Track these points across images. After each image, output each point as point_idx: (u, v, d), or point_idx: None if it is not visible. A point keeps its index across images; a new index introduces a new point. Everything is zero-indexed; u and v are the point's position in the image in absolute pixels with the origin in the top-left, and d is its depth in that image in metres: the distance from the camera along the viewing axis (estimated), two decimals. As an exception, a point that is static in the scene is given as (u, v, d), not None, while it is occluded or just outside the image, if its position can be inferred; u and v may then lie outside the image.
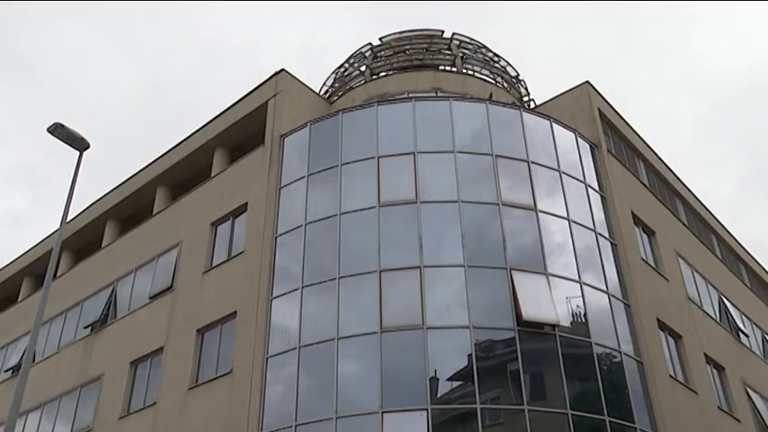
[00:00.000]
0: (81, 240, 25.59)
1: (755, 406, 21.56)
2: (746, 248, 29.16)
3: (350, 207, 17.31)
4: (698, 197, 26.11)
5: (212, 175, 21.38)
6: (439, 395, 14.78)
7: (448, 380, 15.14)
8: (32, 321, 11.37)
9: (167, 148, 23.24)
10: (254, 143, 20.42)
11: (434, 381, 14.85)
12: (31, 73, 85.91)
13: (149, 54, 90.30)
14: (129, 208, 24.31)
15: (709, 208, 26.78)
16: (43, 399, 22.29)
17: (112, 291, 22.56)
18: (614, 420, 14.99)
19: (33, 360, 21.72)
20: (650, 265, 19.71)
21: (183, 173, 22.74)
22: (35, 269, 27.09)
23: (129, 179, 24.34)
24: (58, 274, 25.08)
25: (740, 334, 23.45)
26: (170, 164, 22.90)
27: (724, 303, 23.42)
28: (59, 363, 22.94)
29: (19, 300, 27.54)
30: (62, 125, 13.96)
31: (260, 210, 18.79)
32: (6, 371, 24.75)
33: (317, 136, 19.15)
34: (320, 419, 14.77)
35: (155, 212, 22.90)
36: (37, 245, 27.57)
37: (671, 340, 19.00)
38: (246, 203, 19.46)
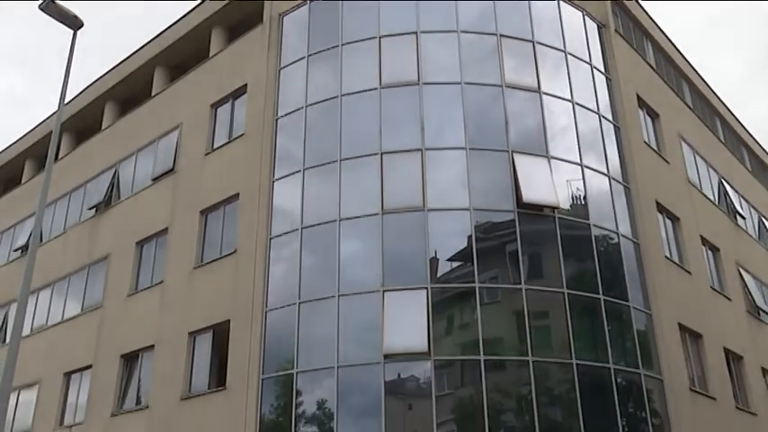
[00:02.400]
0: (81, 122, 25.42)
1: (746, 285, 22.14)
2: (750, 131, 28.99)
3: (351, 89, 17.07)
4: (704, 79, 25.67)
5: (210, 55, 20.95)
6: (439, 275, 15.14)
7: (448, 260, 15.47)
8: (37, 203, 11.49)
9: (164, 27, 22.69)
10: (253, 22, 19.86)
11: (434, 261, 15.17)
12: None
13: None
14: (128, 89, 23.98)
15: (715, 90, 26.40)
16: (53, 277, 22.89)
17: (115, 172, 22.66)
18: (609, 299, 15.43)
19: (40, 240, 22.12)
20: (652, 148, 19.67)
21: (180, 53, 22.26)
22: (36, 151, 27.08)
23: (126, 59, 23.85)
24: (60, 156, 25.11)
25: (737, 216, 23.74)
26: (167, 44, 22.37)
27: (723, 186, 23.56)
28: (66, 243, 23.40)
29: (22, 182, 27.71)
30: (53, 2, 13.53)
31: (260, 91, 18.55)
32: (16, 250, 25.29)
33: (317, 14, 18.59)
34: (323, 297, 15.22)
35: (153, 94, 22.62)
36: (37, 126, 27.42)
37: (668, 222, 19.26)
38: (246, 85, 19.18)
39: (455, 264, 15.50)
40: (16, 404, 21.26)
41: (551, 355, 14.52)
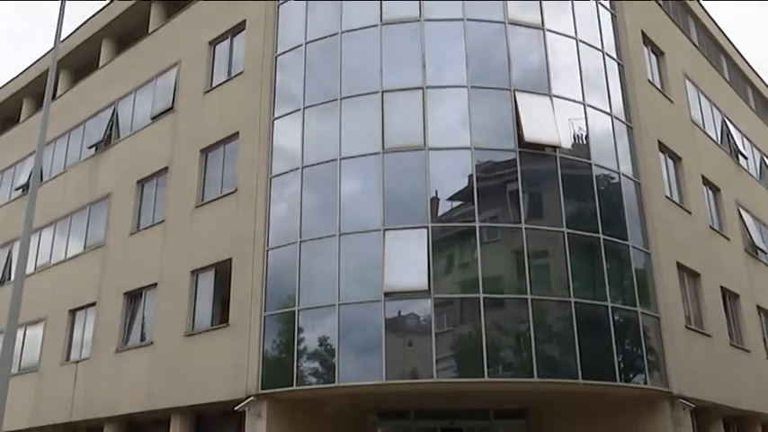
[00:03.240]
0: (78, 60, 25.11)
1: (746, 225, 22.23)
2: (756, 70, 28.63)
3: (351, 26, 16.76)
4: (711, 16, 25.20)
5: (208, -10, 20.53)
6: (439, 214, 15.17)
7: (448, 199, 15.47)
8: (36, 141, 11.44)
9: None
10: (251, -44, 19.38)
11: (435, 200, 15.18)
12: None
13: None
14: (124, 26, 23.60)
15: (722, 28, 25.94)
16: (55, 216, 23.00)
17: (113, 111, 22.50)
18: (608, 238, 15.51)
19: (41, 179, 22.13)
20: (656, 87, 19.46)
21: (177, -12, 21.83)
22: (34, 89, 26.82)
23: (121, -5, 23.42)
24: (58, 95, 24.89)
25: (739, 156, 23.66)
26: (163, -22, 21.93)
27: (726, 126, 23.40)
28: (67, 182, 23.41)
29: (21, 120, 27.54)
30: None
31: (258, 28, 18.25)
32: (17, 189, 25.32)
33: (316, -52, 18.12)
34: (324, 236, 15.30)
35: (151, 31, 22.26)
36: (34, 64, 27.10)
37: (670, 162, 19.20)
38: (244, 21, 18.86)
39: (455, 203, 15.51)
40: (23, 340, 21.64)
41: (550, 294, 14.68)
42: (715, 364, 17.71)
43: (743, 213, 22.33)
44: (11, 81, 28.30)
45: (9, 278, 23.46)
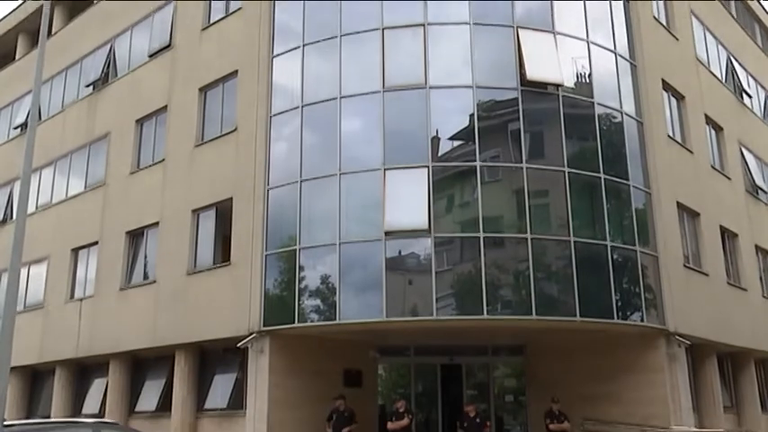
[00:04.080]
0: (72, -5, 24.63)
1: (747, 164, 22.17)
2: (764, 6, 28.05)
3: (351, -41, 16.36)
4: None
5: None
6: (440, 153, 15.11)
7: (449, 139, 15.38)
8: (33, 80, 11.30)
9: None
10: None
11: (436, 140, 15.10)
12: None
13: None
14: (119, -41, 23.04)
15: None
16: (54, 155, 22.94)
17: (110, 48, 22.19)
18: (609, 178, 15.48)
19: (39, 118, 21.97)
20: (661, 24, 19.12)
21: None
22: (29, 25, 26.37)
23: (115, -73, 22.76)
24: (53, 32, 24.48)
25: (743, 95, 23.42)
26: None
27: (732, 64, 23.09)
28: (65, 121, 23.26)
29: (17, 58, 27.17)
30: None
31: (256, -38, 17.82)
32: (15, 128, 25.18)
33: None
34: (324, 176, 15.28)
35: (146, -35, 21.75)
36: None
37: (673, 101, 19.02)
38: (242, -45, 18.41)
39: (456, 142, 15.44)
40: (27, 278, 21.87)
41: (550, 233, 14.74)
42: (711, 302, 17.93)
43: (745, 153, 22.25)
44: (6, 17, 27.81)
45: (11, 217, 23.56)
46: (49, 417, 19.37)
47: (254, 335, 15.17)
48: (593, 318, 14.53)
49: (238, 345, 15.31)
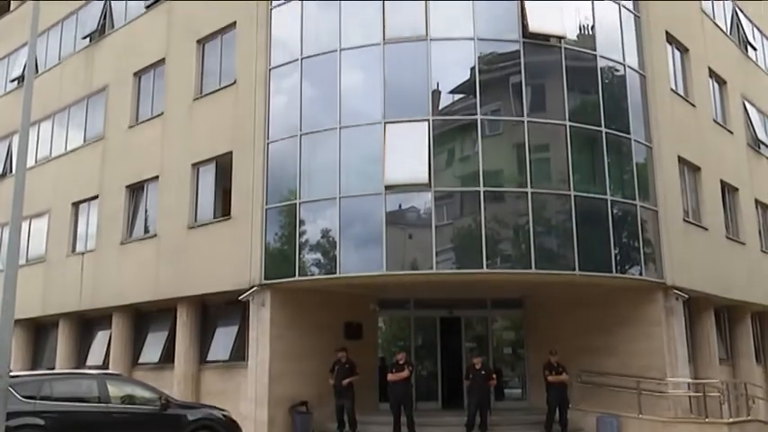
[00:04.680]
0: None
1: (750, 118, 22.02)
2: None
3: None
4: None
5: None
6: (440, 107, 15.01)
7: (450, 92, 15.26)
8: (29, 31, 11.15)
9: None
10: None
11: (436, 93, 14.98)
12: None
13: None
14: None
15: None
16: (52, 109, 22.77)
17: (106, -1, 21.86)
18: (610, 132, 15.41)
19: (36, 71, 21.75)
20: (666, -25, 18.79)
21: None
22: (23, -24, 25.92)
23: None
24: (48, -18, 24.05)
25: (748, 47, 23.15)
26: None
27: (737, 16, 22.75)
28: (62, 74, 23.03)
29: (11, 9, 26.76)
30: None
31: None
32: (12, 81, 24.94)
33: None
34: (324, 129, 15.20)
35: None
36: (20, -51, 26.05)
37: (677, 53, 18.80)
38: None
39: (457, 96, 15.31)
40: (29, 232, 21.93)
41: (550, 187, 14.73)
42: (710, 256, 18.02)
43: (748, 106, 22.08)
44: (-2, -33, 27.30)
45: (10, 171, 23.51)
46: (53, 368, 19.65)
47: (255, 288, 15.29)
48: (591, 272, 14.62)
49: (240, 298, 15.45)
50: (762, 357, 21.80)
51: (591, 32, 15.89)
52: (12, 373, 9.86)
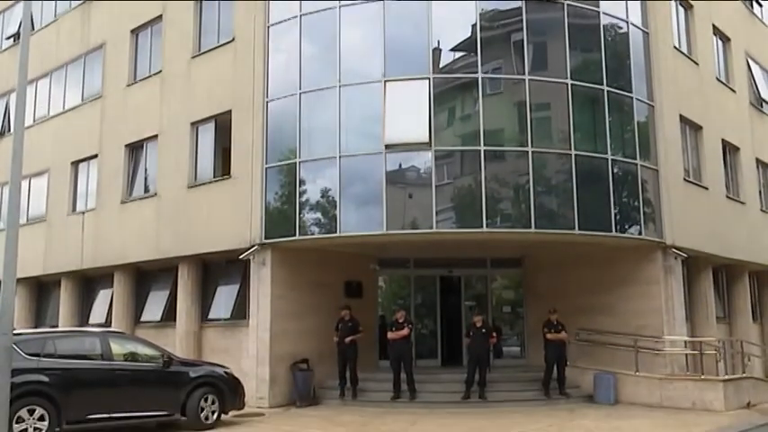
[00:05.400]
0: None
1: (753, 76, 21.82)
2: None
3: None
4: None
5: None
6: (441, 65, 14.86)
7: (451, 50, 15.10)
8: (23, -13, 10.99)
9: None
10: None
11: (437, 51, 14.82)
12: None
13: None
14: None
15: None
16: (49, 67, 22.53)
17: (101, -46, 21.45)
18: (612, 90, 15.29)
19: (32, 29, 21.46)
20: (672, -71, 18.44)
21: None
22: (16, -70, 25.40)
23: None
24: (42, -64, 23.61)
25: (754, 4, 22.83)
26: None
27: (743, -29, 22.41)
28: (59, 31, 22.75)
29: (5, -36, 26.31)
30: None
31: None
32: (8, 38, 24.60)
33: None
34: (324, 88, 15.08)
35: None
36: None
37: (681, 10, 18.56)
38: None
39: (458, 54, 15.16)
40: (29, 191, 21.89)
41: (550, 146, 14.67)
42: (710, 216, 18.04)
43: (751, 64, 21.86)
44: None
45: (9, 130, 23.37)
46: (56, 326, 19.82)
47: (255, 247, 15.34)
48: (591, 231, 14.66)
49: (240, 257, 15.51)
50: (758, 316, 21.98)
51: (594, -11, 15.67)
52: (15, 331, 9.95)
